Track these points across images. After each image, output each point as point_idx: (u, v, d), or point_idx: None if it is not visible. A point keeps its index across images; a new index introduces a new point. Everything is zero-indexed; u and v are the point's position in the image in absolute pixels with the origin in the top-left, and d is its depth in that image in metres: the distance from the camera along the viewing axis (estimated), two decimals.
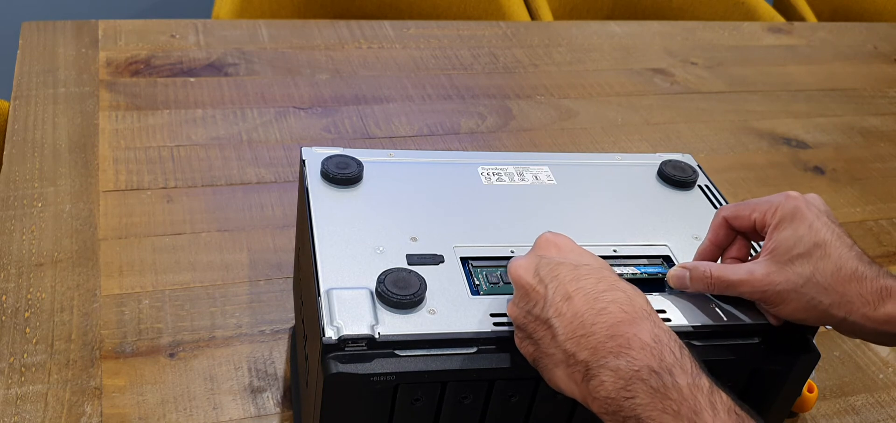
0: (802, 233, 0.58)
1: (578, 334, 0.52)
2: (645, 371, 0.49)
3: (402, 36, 1.42)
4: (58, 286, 0.84)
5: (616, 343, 0.50)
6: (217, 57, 1.28)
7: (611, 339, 0.51)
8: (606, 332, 0.51)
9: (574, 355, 0.52)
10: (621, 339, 0.50)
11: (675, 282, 0.62)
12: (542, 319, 0.53)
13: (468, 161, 0.76)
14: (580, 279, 0.54)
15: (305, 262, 0.66)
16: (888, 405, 0.85)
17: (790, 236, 0.59)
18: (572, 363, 0.52)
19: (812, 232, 0.58)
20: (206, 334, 0.81)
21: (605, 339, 0.51)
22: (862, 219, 1.15)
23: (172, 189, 0.99)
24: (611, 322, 0.51)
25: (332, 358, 0.55)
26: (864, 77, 1.56)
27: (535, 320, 0.54)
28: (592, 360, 0.51)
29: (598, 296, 0.52)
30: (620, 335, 0.51)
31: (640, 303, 0.53)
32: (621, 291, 0.53)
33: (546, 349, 0.53)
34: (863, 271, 0.57)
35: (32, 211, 0.93)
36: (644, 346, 0.50)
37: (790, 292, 0.58)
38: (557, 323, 0.52)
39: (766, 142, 1.30)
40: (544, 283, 0.54)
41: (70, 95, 1.13)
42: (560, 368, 0.53)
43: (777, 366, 0.61)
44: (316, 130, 1.14)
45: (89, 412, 0.72)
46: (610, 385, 0.50)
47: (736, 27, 1.69)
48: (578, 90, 1.35)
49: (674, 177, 0.77)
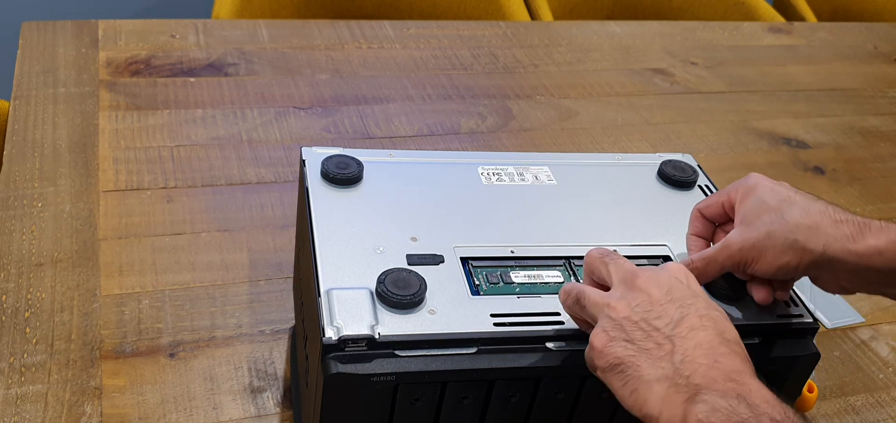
0: (765, 196, 0.62)
1: (698, 362, 0.51)
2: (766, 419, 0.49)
3: (402, 36, 1.42)
4: (58, 286, 0.84)
5: (737, 386, 0.50)
6: (217, 57, 1.28)
7: (731, 381, 0.50)
8: (726, 374, 0.51)
9: (687, 377, 0.51)
10: (743, 386, 0.50)
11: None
12: (665, 333, 0.53)
13: (468, 161, 0.76)
14: (710, 319, 0.54)
15: (305, 262, 0.66)
16: (888, 404, 0.85)
17: (754, 202, 0.62)
18: (681, 382, 0.51)
19: (774, 193, 0.62)
20: (206, 334, 0.81)
21: (724, 379, 0.50)
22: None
23: (172, 189, 0.99)
24: (733, 368, 0.51)
25: (332, 358, 0.55)
26: (864, 77, 1.56)
27: (653, 330, 0.53)
28: (706, 386, 0.50)
29: (723, 341, 0.53)
30: (742, 382, 0.51)
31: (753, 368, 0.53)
32: (742, 348, 0.54)
33: (652, 358, 0.52)
34: (835, 211, 0.60)
35: (32, 211, 0.93)
36: (767, 400, 0.50)
37: (763, 240, 0.60)
38: (679, 344, 0.52)
39: (766, 142, 1.30)
40: (675, 304, 0.54)
41: (70, 95, 1.13)
42: (661, 382, 0.51)
43: (777, 366, 0.62)
44: (316, 130, 1.14)
45: (89, 412, 0.72)
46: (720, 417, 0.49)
47: (736, 27, 1.69)
48: (578, 90, 1.35)
49: (674, 177, 0.77)
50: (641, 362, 0.52)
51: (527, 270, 0.65)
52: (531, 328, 0.59)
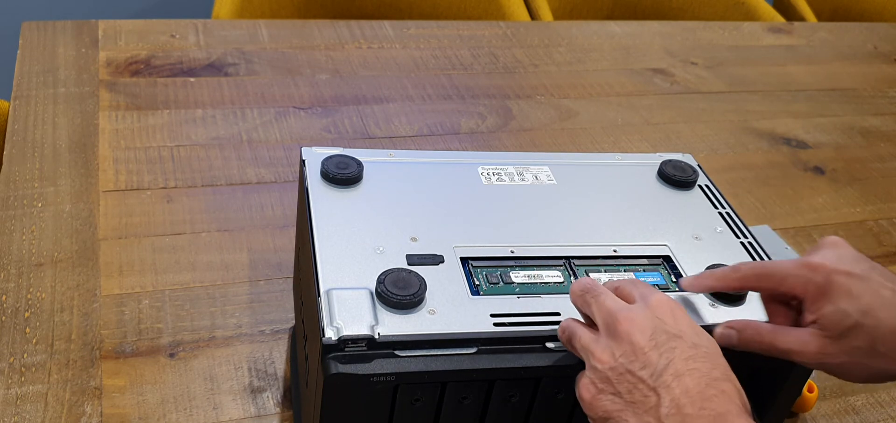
0: (844, 305, 0.56)
1: (684, 413, 0.50)
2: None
3: (402, 36, 1.42)
4: (58, 286, 0.84)
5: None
6: (217, 57, 1.28)
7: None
8: (712, 420, 0.50)
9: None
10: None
11: (722, 341, 0.59)
12: (650, 385, 0.52)
13: (468, 161, 0.76)
14: (696, 359, 0.52)
15: (305, 262, 0.66)
16: (888, 405, 0.85)
17: (834, 312, 0.57)
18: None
19: (853, 300, 0.56)
20: (206, 334, 0.81)
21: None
22: (862, 219, 1.15)
23: (172, 189, 0.99)
24: (719, 411, 0.50)
25: (332, 358, 0.55)
26: (864, 77, 1.56)
27: (638, 382, 0.52)
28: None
29: (710, 382, 0.51)
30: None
31: (744, 398, 0.52)
32: (731, 382, 0.52)
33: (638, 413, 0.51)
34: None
35: (32, 211, 0.93)
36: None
37: (853, 365, 0.57)
38: (665, 394, 0.51)
39: (766, 142, 1.30)
40: (659, 350, 0.52)
41: (70, 95, 1.13)
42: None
43: (777, 366, 0.61)
44: (316, 130, 1.14)
45: (89, 412, 0.72)
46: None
47: (736, 27, 1.69)
48: (578, 90, 1.35)
49: (674, 177, 0.77)
50: (629, 417, 0.52)
51: (527, 270, 0.64)
52: (531, 328, 0.59)
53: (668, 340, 0.53)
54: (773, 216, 1.12)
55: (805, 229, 1.10)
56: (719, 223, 0.73)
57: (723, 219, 0.74)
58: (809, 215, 1.14)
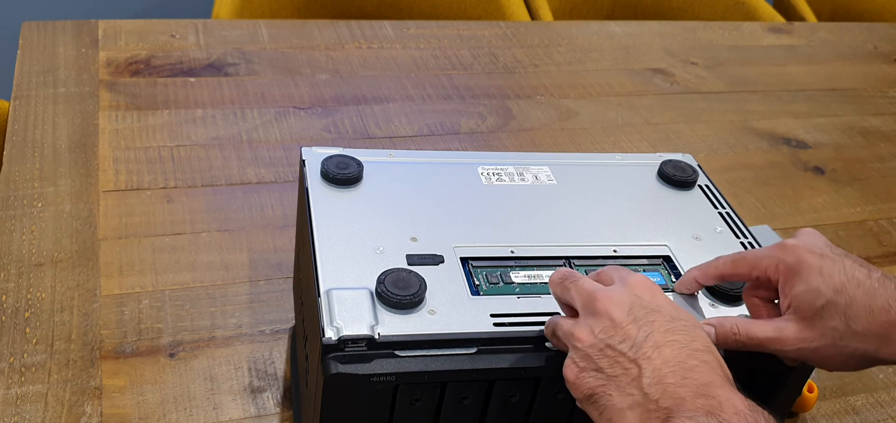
0: (816, 283, 0.57)
1: (666, 382, 0.50)
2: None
3: (402, 36, 1.42)
4: (58, 286, 0.84)
5: (707, 402, 0.49)
6: (217, 57, 1.28)
7: (701, 397, 0.49)
8: (696, 389, 0.50)
9: (656, 400, 0.50)
10: (713, 400, 0.49)
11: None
12: (630, 357, 0.51)
13: (468, 161, 0.76)
14: (675, 332, 0.52)
15: (305, 262, 0.66)
16: (888, 404, 0.85)
17: (806, 291, 0.57)
18: (652, 407, 0.50)
19: (824, 278, 0.57)
20: (206, 334, 0.81)
21: (694, 395, 0.49)
22: (862, 219, 1.15)
23: (172, 189, 0.99)
24: (702, 381, 0.50)
25: (332, 358, 0.55)
26: (864, 77, 1.56)
27: (618, 355, 0.52)
28: (676, 409, 0.49)
29: (691, 353, 0.51)
30: (712, 396, 0.49)
31: (727, 370, 0.52)
32: (712, 353, 0.52)
33: (620, 386, 0.51)
34: (892, 302, 0.56)
35: (32, 211, 0.93)
36: (738, 412, 0.49)
37: (829, 348, 0.57)
38: (646, 365, 0.51)
39: (766, 142, 1.30)
40: (638, 323, 0.53)
41: (70, 95, 1.13)
42: (634, 410, 0.51)
43: (777, 366, 0.61)
44: (316, 130, 1.14)
45: (89, 412, 0.72)
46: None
47: (736, 27, 1.69)
48: (578, 90, 1.35)
49: (674, 177, 0.77)
50: (612, 391, 0.52)
51: (527, 270, 0.65)
52: (531, 328, 0.59)
53: (647, 314, 0.53)
54: (773, 216, 1.12)
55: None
56: (719, 223, 0.73)
57: (723, 219, 0.74)
58: (809, 215, 1.14)
